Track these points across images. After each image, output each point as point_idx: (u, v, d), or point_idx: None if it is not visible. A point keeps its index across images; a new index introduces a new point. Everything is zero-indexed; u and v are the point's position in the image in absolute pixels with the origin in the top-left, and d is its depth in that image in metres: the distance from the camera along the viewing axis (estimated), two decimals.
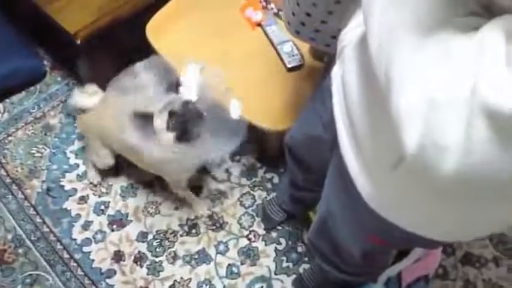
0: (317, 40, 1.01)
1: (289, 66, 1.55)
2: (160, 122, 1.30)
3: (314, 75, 1.57)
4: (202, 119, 1.33)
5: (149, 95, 1.41)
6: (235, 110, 1.40)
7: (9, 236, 1.61)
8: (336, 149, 0.86)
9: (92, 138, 1.59)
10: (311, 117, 1.08)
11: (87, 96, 1.56)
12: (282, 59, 1.56)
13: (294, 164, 1.31)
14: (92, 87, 1.57)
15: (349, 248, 0.98)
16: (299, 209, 1.62)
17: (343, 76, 0.76)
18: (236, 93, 1.48)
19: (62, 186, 1.72)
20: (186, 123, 1.31)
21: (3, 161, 1.76)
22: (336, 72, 0.81)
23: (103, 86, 1.55)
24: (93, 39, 1.58)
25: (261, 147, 1.83)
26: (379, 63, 0.53)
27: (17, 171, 1.74)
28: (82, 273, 1.56)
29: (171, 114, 1.30)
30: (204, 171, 1.75)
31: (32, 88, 1.95)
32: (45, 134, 1.83)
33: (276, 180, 1.78)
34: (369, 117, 0.70)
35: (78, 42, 1.54)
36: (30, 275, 1.55)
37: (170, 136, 1.31)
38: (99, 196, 1.71)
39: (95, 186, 1.72)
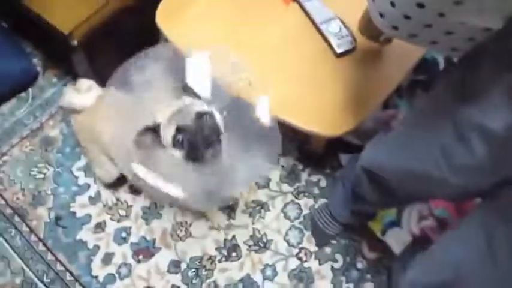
0: (419, 37, 0.71)
1: (338, 51, 1.24)
2: (167, 134, 0.99)
3: (369, 60, 1.27)
4: (220, 137, 0.99)
5: (157, 93, 1.10)
6: (264, 113, 1.07)
7: (18, 280, 1.36)
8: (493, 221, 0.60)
9: (88, 145, 1.32)
10: (419, 150, 0.81)
11: (81, 93, 1.28)
12: (328, 43, 1.26)
13: (372, 187, 1.04)
14: (85, 83, 1.29)
15: None
16: (358, 220, 1.36)
17: None
18: (271, 90, 1.18)
19: (73, 213, 1.45)
20: (196, 141, 0.97)
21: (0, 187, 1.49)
22: None
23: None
24: (91, 36, 1.28)
25: (302, 145, 1.55)
26: None
27: (17, 198, 1.47)
28: None
29: (180, 128, 0.97)
30: None
31: (23, 94, 1.65)
32: (46, 150, 1.55)
33: (323, 183, 1.50)
34: None
35: (75, 43, 1.23)
36: None
37: (176, 154, 0.99)
38: (118, 221, 1.44)
39: (111, 209, 1.46)
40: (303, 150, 1.53)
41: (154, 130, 0.98)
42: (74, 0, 1.27)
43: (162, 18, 1.30)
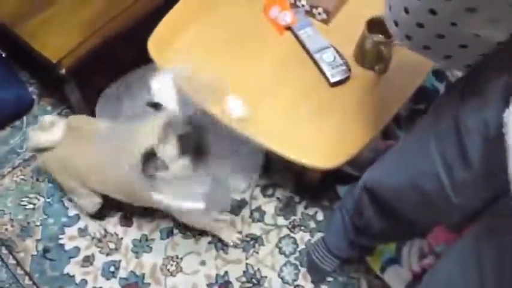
0: (433, 50, 0.72)
1: (332, 80, 1.20)
2: (167, 150, 1.01)
3: (365, 89, 1.23)
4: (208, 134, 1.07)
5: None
6: (237, 108, 1.15)
7: None
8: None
9: (64, 179, 1.28)
10: (419, 165, 0.80)
11: (47, 131, 1.23)
12: (322, 71, 1.22)
13: (374, 210, 1.01)
14: (47, 119, 1.25)
15: None
16: (356, 252, 1.30)
17: None
18: (263, 121, 1.16)
19: (62, 246, 1.41)
20: (201, 137, 1.05)
21: None
22: None
23: None
24: (82, 65, 1.26)
25: (297, 176, 1.50)
26: None
27: (6, 230, 1.43)
28: None
29: (181, 137, 1.02)
30: (230, 212, 1.44)
31: (17, 123, 1.64)
32: (37, 180, 1.52)
33: (320, 216, 1.45)
34: None
35: (63, 72, 1.22)
36: None
37: (184, 162, 1.03)
38: (107, 254, 1.40)
39: (100, 241, 1.41)
40: (299, 181, 1.48)
41: (153, 154, 1.00)
42: (64, 28, 1.26)
43: (154, 47, 1.28)
